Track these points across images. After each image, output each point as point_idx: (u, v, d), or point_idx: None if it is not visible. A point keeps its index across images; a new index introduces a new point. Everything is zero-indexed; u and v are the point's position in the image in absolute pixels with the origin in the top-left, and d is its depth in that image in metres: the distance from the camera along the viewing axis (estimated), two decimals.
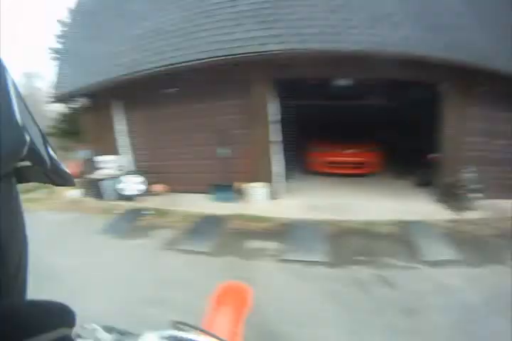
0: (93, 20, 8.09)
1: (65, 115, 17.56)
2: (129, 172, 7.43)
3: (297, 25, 5.25)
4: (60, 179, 0.71)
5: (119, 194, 7.19)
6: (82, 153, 11.24)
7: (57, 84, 8.11)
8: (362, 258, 4.20)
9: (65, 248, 5.19)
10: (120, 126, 7.80)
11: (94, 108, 8.00)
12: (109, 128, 7.92)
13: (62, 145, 19.06)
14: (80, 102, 8.14)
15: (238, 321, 1.08)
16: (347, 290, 3.53)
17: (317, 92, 8.16)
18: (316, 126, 8.81)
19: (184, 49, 5.77)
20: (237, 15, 5.60)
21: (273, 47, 5.09)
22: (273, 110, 5.98)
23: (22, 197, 0.86)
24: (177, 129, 6.92)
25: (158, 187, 7.25)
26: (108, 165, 7.77)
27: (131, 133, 7.79)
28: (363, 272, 3.88)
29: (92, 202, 7.80)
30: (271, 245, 4.39)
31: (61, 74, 8.13)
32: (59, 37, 13.81)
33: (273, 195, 6.14)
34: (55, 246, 5.22)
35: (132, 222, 6.05)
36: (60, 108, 16.44)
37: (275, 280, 3.62)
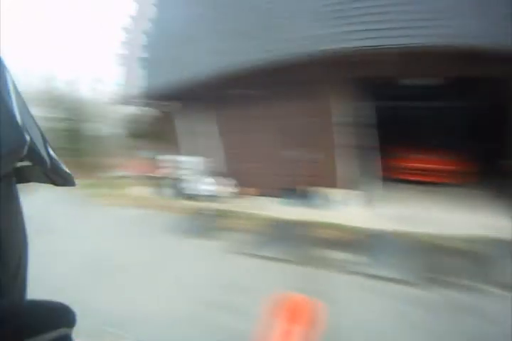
0: (164, 25, 8.16)
1: (140, 117, 18.24)
2: (203, 173, 7.56)
3: (372, 20, 4.86)
4: (60, 179, 0.71)
5: (193, 194, 7.34)
6: (157, 153, 11.38)
7: (129, 89, 8.46)
8: (438, 277, 3.89)
9: (135, 243, 5.49)
10: (196, 127, 7.95)
11: (180, 110, 8.14)
12: (186, 129, 8.11)
13: (138, 146, 19.12)
14: (154, 105, 8.41)
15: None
16: (420, 312, 3.30)
17: (395, 92, 7.54)
18: (395, 129, 8.06)
19: (263, 48, 5.61)
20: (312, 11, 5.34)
21: (349, 44, 4.81)
22: (349, 112, 5.71)
23: (98, 191, 2.67)
24: (253, 131, 6.90)
25: (233, 190, 7.29)
26: (186, 165, 7.96)
27: (207, 134, 7.90)
28: (439, 293, 3.61)
29: (164, 200, 8.03)
30: (347, 256, 4.21)
31: (132, 80, 8.43)
32: (123, 43, 14.32)
33: (349, 202, 5.90)
34: (125, 240, 5.64)
35: (205, 222, 6.12)
36: (130, 110, 17.44)
37: (346, 294, 3.46)
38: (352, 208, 5.71)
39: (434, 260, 4.17)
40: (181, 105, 7.95)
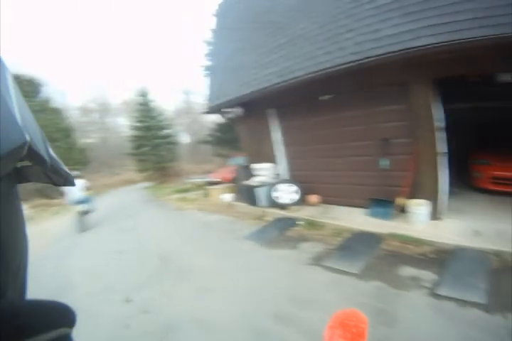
0: (236, 34, 8.83)
1: (220, 125, 19.08)
2: (283, 181, 7.68)
3: (448, 12, 4.27)
4: (61, 179, 0.72)
5: (272, 201, 7.49)
6: (236, 160, 12.98)
7: (209, 98, 9.24)
8: None
9: (209, 248, 5.88)
10: (274, 134, 8.17)
11: (249, 117, 8.65)
12: (264, 137, 8.45)
13: (218, 153, 20.78)
14: (234, 112, 8.87)
15: None
16: None
17: (481, 93, 6.78)
18: (481, 133, 7.56)
19: (333, 52, 5.53)
20: (379, 10, 5.05)
21: (426, 40, 4.32)
22: (437, 115, 5.14)
23: (180, 195, 5.05)
24: (331, 138, 6.79)
25: (311, 198, 7.26)
26: (263, 172, 8.26)
27: (285, 141, 8.08)
28: None
29: (244, 207, 8.42)
30: (424, 275, 3.78)
31: (212, 89, 9.25)
32: (207, 55, 16.43)
33: (434, 215, 5.32)
34: (199, 244, 6.19)
35: (281, 230, 6.15)
36: (216, 118, 18.05)
37: (420, 317, 3.08)
38: (436, 222, 5.23)
39: None
40: (247, 112, 8.45)
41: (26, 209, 16.15)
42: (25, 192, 18.14)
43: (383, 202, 5.80)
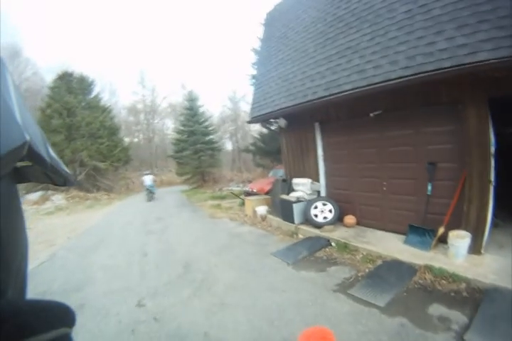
0: (284, 44, 8.94)
1: (263, 135, 19.19)
2: (319, 199, 7.51)
3: (510, 24, 3.96)
4: (60, 178, 0.73)
5: (307, 219, 7.33)
6: (276, 172, 13.50)
7: (254, 107, 9.29)
8: None
9: (234, 262, 5.84)
10: (315, 149, 8.02)
11: (292, 130, 8.65)
12: (305, 151, 8.37)
13: (258, 163, 21.03)
14: (277, 124, 8.95)
15: None
16: None
17: None
18: None
19: (383, 66, 5.34)
20: (432, 21, 4.81)
21: (484, 55, 4.04)
22: (490, 139, 4.74)
23: (215, 202, 5.39)
24: (374, 157, 6.54)
25: (347, 219, 7.03)
26: (300, 188, 8.13)
27: (326, 157, 7.89)
28: None
29: (277, 221, 8.36)
30: (455, 315, 3.49)
31: (257, 98, 9.30)
32: (254, 64, 16.80)
33: (474, 249, 4.89)
34: (225, 256, 6.20)
35: (311, 250, 6.00)
36: (260, 128, 18.27)
37: None
38: (474, 255, 4.83)
39: None
40: (290, 124, 8.47)
41: (61, 199, 17.24)
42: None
43: (422, 230, 5.53)
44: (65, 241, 8.80)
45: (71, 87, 21.50)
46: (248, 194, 12.61)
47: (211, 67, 68.71)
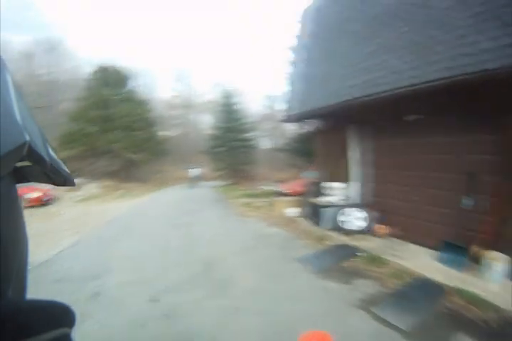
0: (319, 43, 8.77)
1: (299, 135, 18.82)
2: (352, 205, 7.26)
3: None
4: (61, 179, 0.74)
5: (337, 225, 7.09)
6: (309, 174, 12.69)
7: (289, 106, 9.17)
8: None
9: (257, 264, 5.75)
10: (350, 152, 7.75)
11: (327, 131, 8.46)
12: (340, 154, 8.06)
13: (293, 163, 20.91)
14: (312, 124, 8.75)
15: None
16: None
17: None
18: None
19: (420, 67, 5.01)
20: (474, 20, 4.44)
21: None
22: None
23: (247, 200, 12.34)
24: (410, 164, 6.19)
25: (379, 228, 6.71)
26: (333, 192, 7.89)
27: (361, 161, 7.59)
28: None
29: (306, 225, 8.24)
30: None
31: (292, 97, 9.17)
32: (291, 63, 16.94)
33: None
34: (249, 258, 6.11)
35: (338, 259, 5.79)
36: (297, 127, 18.41)
37: None
38: (510, 282, 4.37)
39: None
40: (326, 125, 8.31)
41: (95, 187, 17.93)
42: (98, 172, 20.18)
43: (456, 248, 5.14)
44: (91, 229, 9.10)
45: (109, 80, 22.24)
46: (280, 194, 12.62)
47: (251, 64, 69.04)
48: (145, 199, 16.13)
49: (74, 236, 8.12)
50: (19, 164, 0.61)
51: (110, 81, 22.32)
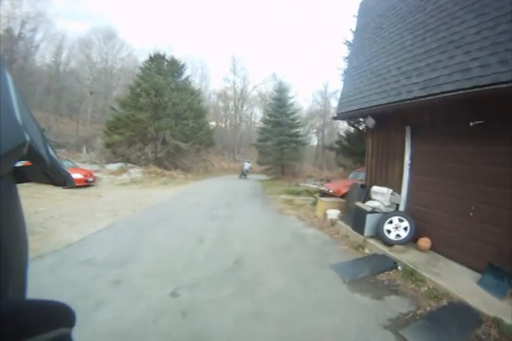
0: (376, 37, 8.34)
1: (349, 134, 18.56)
2: (397, 213, 6.75)
3: None
4: (60, 178, 0.75)
5: (378, 233, 6.62)
6: (357, 175, 13.01)
7: (341, 103, 8.80)
8: None
9: (289, 267, 5.53)
10: (403, 156, 7.17)
11: (380, 131, 7.98)
12: (391, 157, 7.62)
13: (341, 163, 20.15)
14: (365, 123, 8.27)
15: None
16: None
17: None
18: None
19: (491, 65, 4.45)
20: None
21: None
22: None
23: (288, 197, 12.82)
24: (467, 175, 5.56)
25: (421, 241, 6.17)
26: (379, 197, 7.37)
27: (413, 166, 6.98)
28: None
29: (346, 229, 7.84)
30: None
31: (345, 93, 8.80)
32: (346, 58, 16.46)
33: None
34: (281, 259, 5.90)
35: (374, 270, 5.42)
36: (348, 126, 17.34)
37: None
38: None
39: None
40: (379, 124, 7.64)
41: (138, 172, 18.56)
42: (144, 158, 20.90)
43: (502, 273, 4.57)
44: (128, 214, 9.26)
45: (161, 69, 22.97)
46: (323, 194, 12.21)
47: (304, 60, 68.46)
48: (188, 188, 16.32)
49: (110, 219, 8.28)
50: (19, 164, 0.62)
51: (164, 69, 23.00)
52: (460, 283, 4.83)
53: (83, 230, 6.95)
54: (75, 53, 36.00)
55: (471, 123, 5.36)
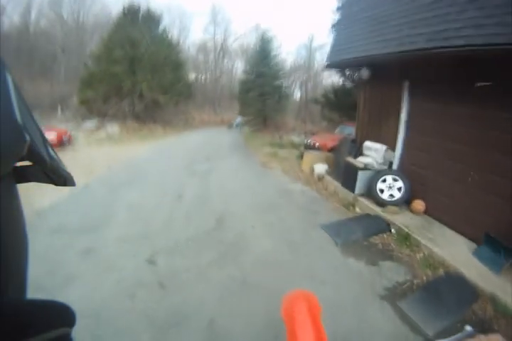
0: None
1: (336, 87, 18.08)
2: (391, 172, 6.43)
3: None
4: (60, 179, 0.74)
5: (370, 192, 6.33)
6: (345, 129, 12.53)
7: (334, 51, 8.26)
8: None
9: (276, 227, 5.22)
10: (399, 112, 6.72)
11: (375, 83, 7.51)
12: (386, 112, 7.18)
13: (326, 116, 19.93)
14: (359, 74, 7.68)
15: (320, 327, 1.11)
16: None
17: None
18: None
19: (509, 23, 3.91)
20: None
21: None
22: None
23: (271, 150, 11.73)
24: (468, 138, 5.19)
25: (416, 204, 5.91)
26: (372, 153, 6.96)
27: (410, 124, 6.56)
28: None
29: (335, 185, 7.56)
30: None
31: (338, 41, 8.25)
32: (338, 9, 14.98)
33: None
34: (267, 218, 5.53)
35: (366, 232, 5.17)
36: (333, 80, 18.44)
37: None
38: None
39: None
40: (375, 76, 7.14)
41: (115, 128, 18.01)
42: (121, 113, 19.94)
43: (498, 245, 4.34)
44: (103, 171, 8.84)
45: (137, 20, 21.63)
46: (308, 147, 11.75)
47: (288, 11, 64.95)
48: (167, 142, 15.85)
49: (84, 178, 7.73)
50: (19, 164, 0.60)
51: (139, 21, 21.68)
52: (456, 252, 4.65)
53: (53, 195, 6.32)
54: (45, 13, 33.41)
55: (478, 84, 4.94)
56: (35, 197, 5.78)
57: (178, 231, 4.86)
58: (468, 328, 1.76)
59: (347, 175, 7.07)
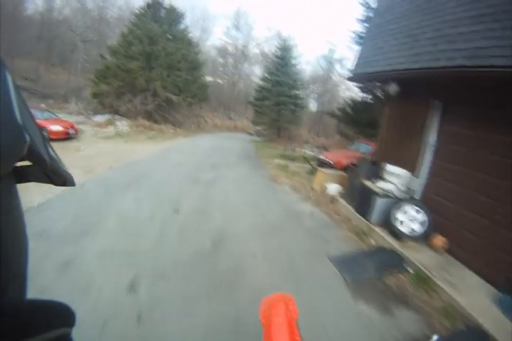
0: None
1: (355, 102, 17.40)
2: (413, 202, 5.79)
3: None
4: (60, 179, 0.74)
5: (387, 222, 5.71)
6: (360, 147, 11.88)
7: (358, 63, 7.93)
8: None
9: (279, 255, 4.72)
10: (427, 134, 6.14)
11: (402, 100, 6.96)
12: (412, 133, 6.56)
13: (342, 131, 19.30)
14: (386, 89, 7.26)
15: (295, 330, 1.13)
16: None
17: None
18: None
19: None
20: None
21: None
22: None
23: (282, 162, 11.60)
24: (502, 170, 4.60)
25: (436, 239, 5.29)
26: (393, 179, 6.35)
27: (437, 149, 5.97)
28: None
29: (348, 210, 7.02)
30: None
31: (364, 54, 7.91)
32: (361, 21, 15.43)
33: None
34: (271, 243, 5.02)
35: (380, 271, 4.58)
36: (353, 94, 17.99)
37: None
38: None
39: None
40: (402, 93, 6.64)
41: (125, 125, 17.86)
42: (133, 110, 19.72)
43: None
44: (103, 171, 8.45)
45: (157, 16, 21.68)
46: (321, 163, 11.20)
47: (311, 22, 65.47)
48: (175, 145, 15.42)
49: (81, 178, 7.31)
50: (19, 164, 0.61)
51: (160, 17, 21.72)
52: (476, 299, 4.07)
53: (47, 191, 5.95)
54: (70, 1, 33.82)
55: None
56: (25, 197, 5.33)
57: (168, 252, 4.34)
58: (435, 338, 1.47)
59: (363, 200, 6.47)
